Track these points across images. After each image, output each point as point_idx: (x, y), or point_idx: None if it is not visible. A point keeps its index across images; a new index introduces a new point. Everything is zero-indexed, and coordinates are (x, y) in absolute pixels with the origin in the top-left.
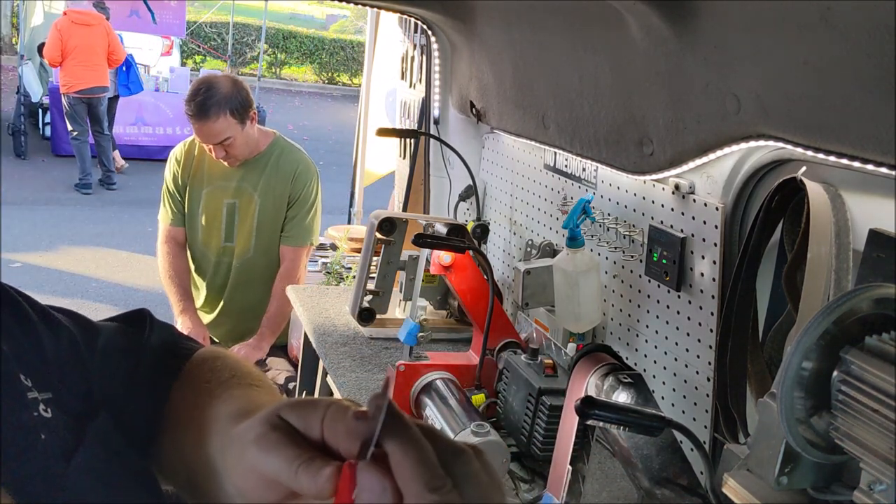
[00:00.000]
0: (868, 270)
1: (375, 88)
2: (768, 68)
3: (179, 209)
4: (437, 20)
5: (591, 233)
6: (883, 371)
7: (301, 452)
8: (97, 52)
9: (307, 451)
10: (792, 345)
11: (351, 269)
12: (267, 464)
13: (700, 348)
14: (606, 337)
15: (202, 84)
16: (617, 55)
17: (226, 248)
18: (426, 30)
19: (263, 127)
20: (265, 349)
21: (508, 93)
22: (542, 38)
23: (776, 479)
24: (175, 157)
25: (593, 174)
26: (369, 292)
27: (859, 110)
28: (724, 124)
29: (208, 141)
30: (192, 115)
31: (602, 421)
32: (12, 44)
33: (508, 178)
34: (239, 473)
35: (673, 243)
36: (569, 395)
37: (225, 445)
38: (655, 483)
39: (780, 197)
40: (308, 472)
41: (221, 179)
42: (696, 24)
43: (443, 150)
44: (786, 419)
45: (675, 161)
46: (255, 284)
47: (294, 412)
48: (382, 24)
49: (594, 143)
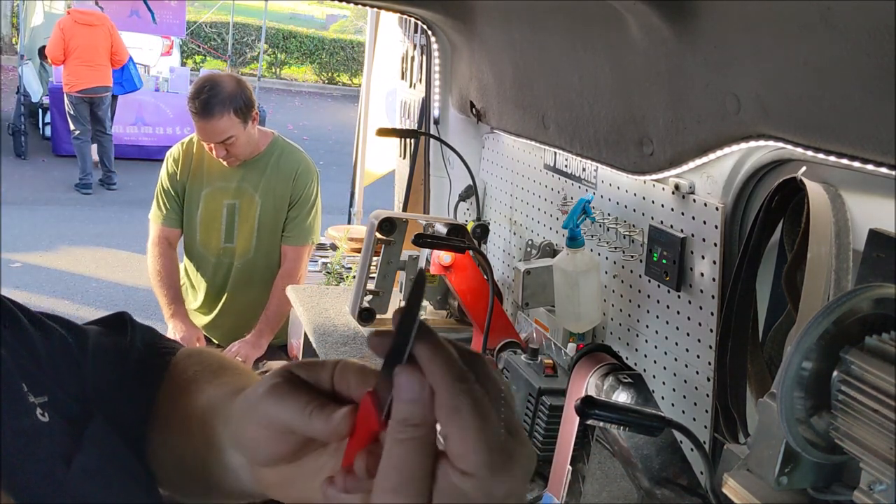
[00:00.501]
0: (868, 270)
1: (375, 88)
2: (768, 68)
3: (174, 209)
4: (437, 20)
5: (591, 233)
6: (883, 371)
7: (313, 398)
8: (99, 52)
9: (319, 398)
10: (792, 345)
11: (351, 269)
12: (280, 412)
13: (700, 348)
14: (606, 337)
15: (206, 82)
16: (617, 55)
17: (226, 248)
18: (426, 30)
19: (263, 127)
20: (263, 347)
21: (508, 93)
22: (542, 38)
23: (776, 479)
24: (172, 156)
25: (593, 174)
26: (369, 292)
27: (859, 110)
28: (724, 124)
29: (210, 139)
30: (195, 112)
31: (602, 421)
32: (12, 44)
33: (508, 178)
34: (249, 431)
35: (673, 243)
36: (569, 395)
37: (229, 415)
38: (655, 483)
39: (780, 197)
40: (322, 415)
41: (221, 180)
42: (696, 24)
43: (443, 150)
44: (786, 419)
45: (675, 161)
46: (255, 285)
47: (304, 367)
48: (382, 24)
49: (594, 143)
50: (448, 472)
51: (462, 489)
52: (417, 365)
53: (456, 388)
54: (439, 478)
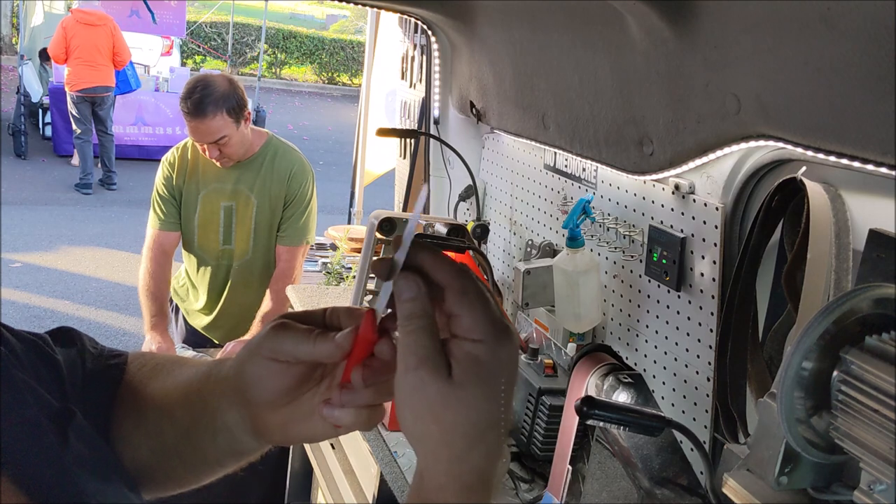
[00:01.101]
0: (868, 270)
1: (375, 88)
2: (768, 68)
3: (171, 213)
4: (437, 20)
5: (591, 233)
6: (883, 371)
7: (313, 328)
8: (101, 52)
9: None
10: (792, 345)
11: (351, 269)
12: (286, 343)
13: (700, 348)
14: (606, 337)
15: (198, 82)
16: (617, 55)
17: (224, 250)
18: (426, 30)
19: (256, 127)
20: None
21: (508, 93)
22: (542, 38)
23: (776, 479)
24: (168, 161)
25: (593, 174)
26: (369, 292)
27: (859, 110)
28: (724, 124)
29: (203, 140)
30: (188, 112)
31: (602, 421)
32: (12, 44)
33: (508, 178)
34: (256, 370)
35: (673, 243)
36: (569, 395)
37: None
38: (655, 483)
39: (780, 197)
40: (325, 339)
41: (217, 182)
42: (696, 24)
43: (443, 150)
44: (786, 419)
45: (675, 161)
46: (253, 285)
47: (295, 314)
48: (382, 24)
49: (594, 144)
50: (461, 344)
51: (475, 353)
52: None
53: (461, 278)
54: (455, 351)
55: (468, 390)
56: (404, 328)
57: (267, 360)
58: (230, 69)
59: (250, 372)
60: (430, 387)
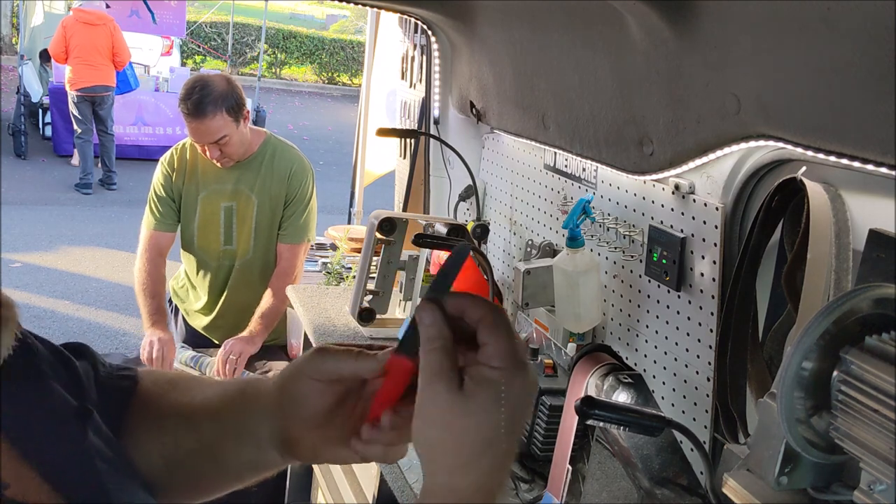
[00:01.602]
0: (868, 270)
1: (375, 88)
2: (768, 68)
3: (168, 214)
4: (437, 20)
5: (591, 233)
6: (883, 371)
7: (353, 349)
8: (101, 51)
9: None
10: (792, 345)
11: (351, 269)
12: (331, 362)
13: (700, 348)
14: (606, 337)
15: (197, 83)
16: (617, 55)
17: (226, 251)
18: (426, 30)
19: (255, 127)
20: (258, 344)
21: (508, 93)
22: (542, 38)
23: (776, 479)
24: (166, 161)
25: (593, 174)
26: (369, 292)
27: (859, 110)
28: (724, 124)
29: (204, 140)
30: (187, 113)
31: (602, 421)
32: (12, 44)
33: (508, 178)
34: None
35: (673, 243)
36: (569, 395)
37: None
38: (655, 483)
39: (780, 197)
40: (366, 357)
41: (217, 183)
42: (696, 24)
43: (443, 150)
44: (786, 419)
45: (675, 161)
46: (253, 285)
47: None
48: (382, 24)
49: (594, 144)
50: (480, 368)
51: (489, 376)
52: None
53: (494, 313)
54: (472, 372)
55: (477, 402)
56: (424, 349)
57: (310, 380)
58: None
59: (294, 389)
60: (442, 396)
